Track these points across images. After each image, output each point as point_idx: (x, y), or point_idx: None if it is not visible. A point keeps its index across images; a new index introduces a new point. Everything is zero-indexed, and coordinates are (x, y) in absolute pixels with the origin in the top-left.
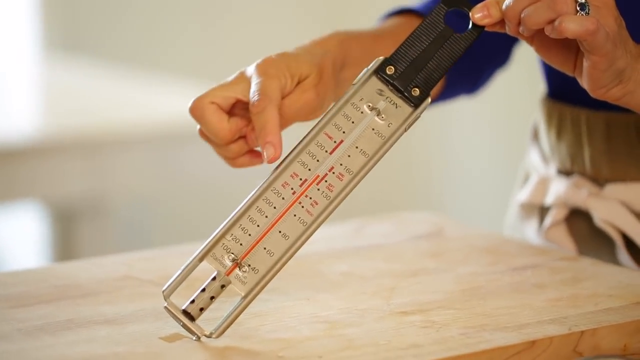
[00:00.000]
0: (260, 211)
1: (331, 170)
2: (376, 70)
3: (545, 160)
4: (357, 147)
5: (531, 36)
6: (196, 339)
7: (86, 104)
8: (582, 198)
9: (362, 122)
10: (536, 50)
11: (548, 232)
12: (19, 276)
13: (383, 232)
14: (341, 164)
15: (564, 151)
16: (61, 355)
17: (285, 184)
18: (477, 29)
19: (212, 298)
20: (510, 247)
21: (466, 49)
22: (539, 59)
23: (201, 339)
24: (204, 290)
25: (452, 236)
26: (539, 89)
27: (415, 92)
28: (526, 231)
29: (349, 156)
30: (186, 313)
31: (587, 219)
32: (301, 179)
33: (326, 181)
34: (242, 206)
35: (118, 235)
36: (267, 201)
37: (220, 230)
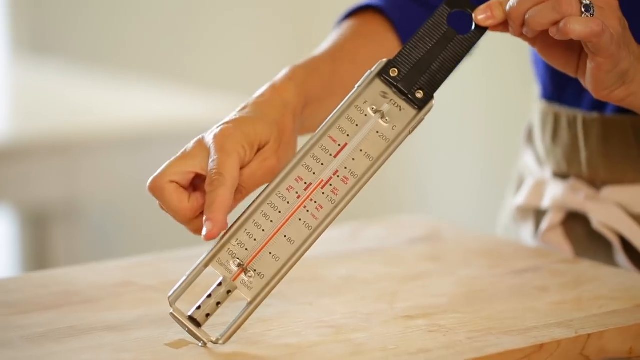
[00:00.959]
0: (266, 216)
1: (336, 173)
2: (380, 73)
3: (540, 162)
4: (361, 150)
5: (534, 37)
6: (202, 345)
7: (56, 106)
8: (579, 201)
9: (367, 125)
10: (539, 52)
11: (545, 235)
12: (15, 282)
13: (379, 235)
14: (346, 168)
15: (559, 154)
16: None
17: (290, 188)
18: (480, 30)
19: (219, 304)
20: (508, 250)
21: (470, 50)
22: (532, 62)
23: (208, 345)
24: (209, 296)
25: (449, 239)
26: (531, 92)
27: (419, 95)
28: (522, 234)
29: (353, 159)
30: (192, 319)
31: (583, 221)
32: (306, 183)
33: (331, 185)
34: (247, 211)
35: (91, 238)
36: (272, 205)
37: (225, 235)
